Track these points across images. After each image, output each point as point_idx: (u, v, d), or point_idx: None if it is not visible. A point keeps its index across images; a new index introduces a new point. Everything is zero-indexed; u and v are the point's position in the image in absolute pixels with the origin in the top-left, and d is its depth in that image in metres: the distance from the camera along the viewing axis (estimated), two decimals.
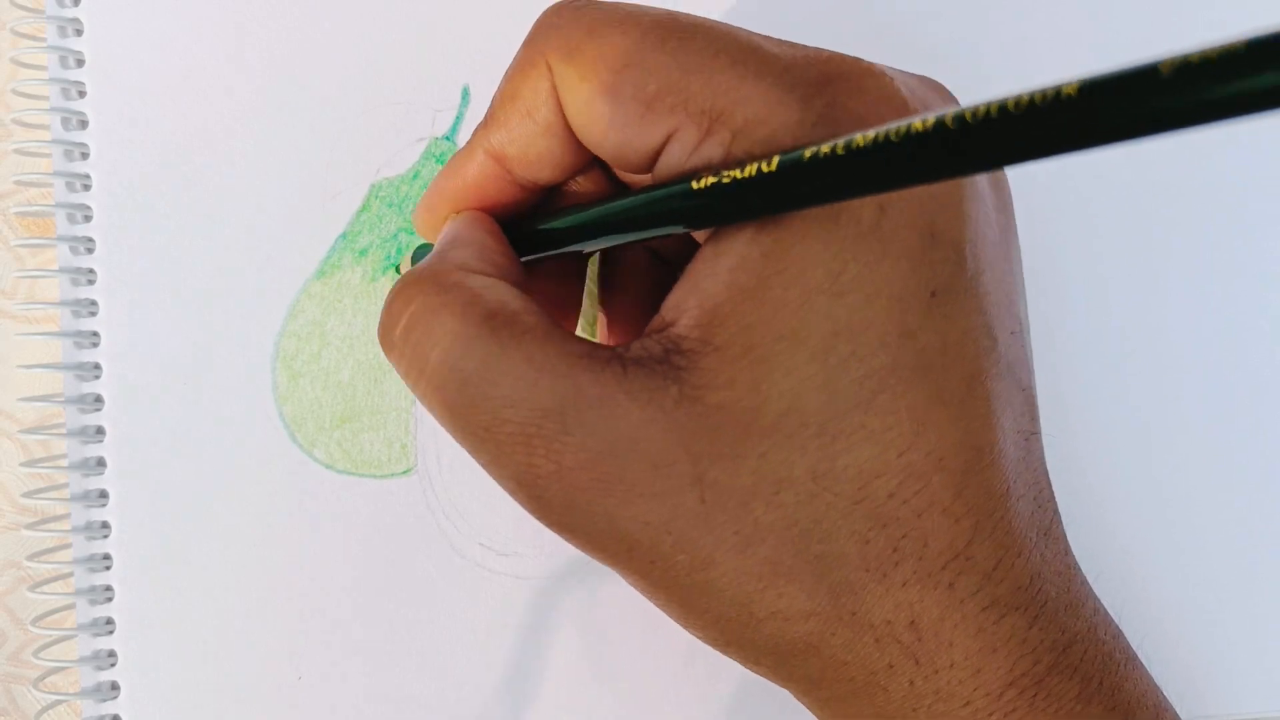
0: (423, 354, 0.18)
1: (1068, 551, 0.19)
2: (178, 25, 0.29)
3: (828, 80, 0.17)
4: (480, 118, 0.28)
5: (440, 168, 0.28)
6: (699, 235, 0.19)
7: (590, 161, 0.21)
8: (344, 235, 0.28)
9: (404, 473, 0.28)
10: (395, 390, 0.28)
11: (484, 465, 0.19)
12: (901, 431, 0.17)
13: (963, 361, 0.17)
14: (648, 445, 0.17)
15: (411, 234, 0.28)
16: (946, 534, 0.17)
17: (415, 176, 0.28)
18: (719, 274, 0.17)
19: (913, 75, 0.19)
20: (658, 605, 0.19)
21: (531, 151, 0.20)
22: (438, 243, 0.21)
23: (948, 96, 0.19)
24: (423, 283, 0.19)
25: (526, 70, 0.19)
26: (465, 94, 0.28)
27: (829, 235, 0.17)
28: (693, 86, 0.17)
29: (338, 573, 0.27)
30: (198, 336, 0.28)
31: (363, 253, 0.28)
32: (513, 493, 0.18)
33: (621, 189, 0.21)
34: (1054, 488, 0.20)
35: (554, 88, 0.19)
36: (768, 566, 0.17)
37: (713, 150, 0.17)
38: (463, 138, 0.28)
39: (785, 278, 0.17)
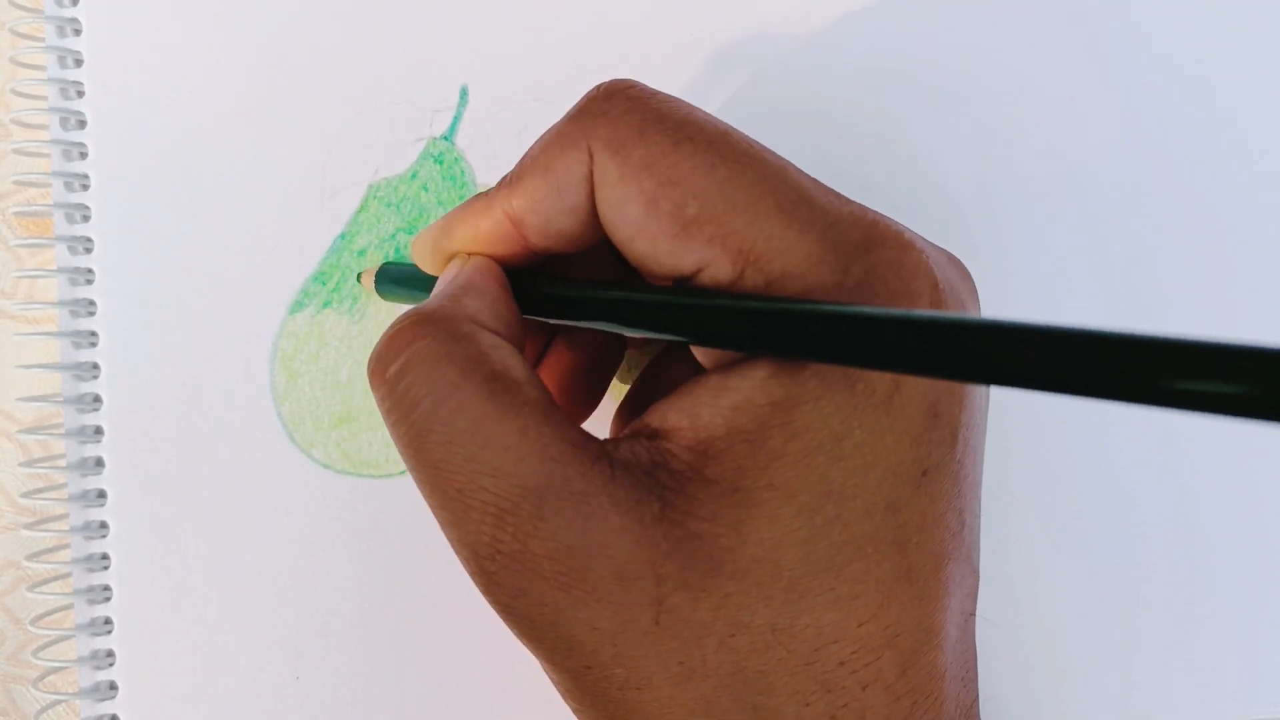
0: (414, 398, 0.18)
1: None
2: (176, 25, 0.29)
3: (869, 246, 0.17)
4: (479, 118, 0.29)
5: (438, 168, 0.28)
6: (699, 350, 0.19)
7: (604, 240, 0.20)
8: (342, 235, 0.28)
9: (402, 473, 0.28)
10: None
11: (443, 524, 0.18)
12: (867, 602, 0.17)
13: (934, 542, 0.18)
14: (618, 553, 0.17)
15: (410, 234, 0.28)
16: (884, 710, 0.17)
17: (413, 177, 0.28)
18: (721, 408, 0.17)
19: (942, 251, 0.19)
20: (575, 709, 0.19)
21: (552, 226, 0.19)
22: (446, 281, 0.21)
23: (968, 276, 0.20)
24: (431, 325, 0.18)
25: (566, 148, 0.19)
26: (463, 94, 0.28)
27: (842, 400, 0.17)
28: (735, 223, 0.17)
29: (336, 573, 0.27)
30: (196, 336, 0.28)
31: (361, 253, 0.28)
32: (466, 560, 0.18)
33: (631, 274, 0.20)
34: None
35: (590, 174, 0.18)
36: (702, 705, 0.17)
37: (745, 290, 0.17)
38: (461, 138, 0.28)
39: (788, 431, 0.17)
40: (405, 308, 0.20)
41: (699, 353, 0.19)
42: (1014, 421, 0.28)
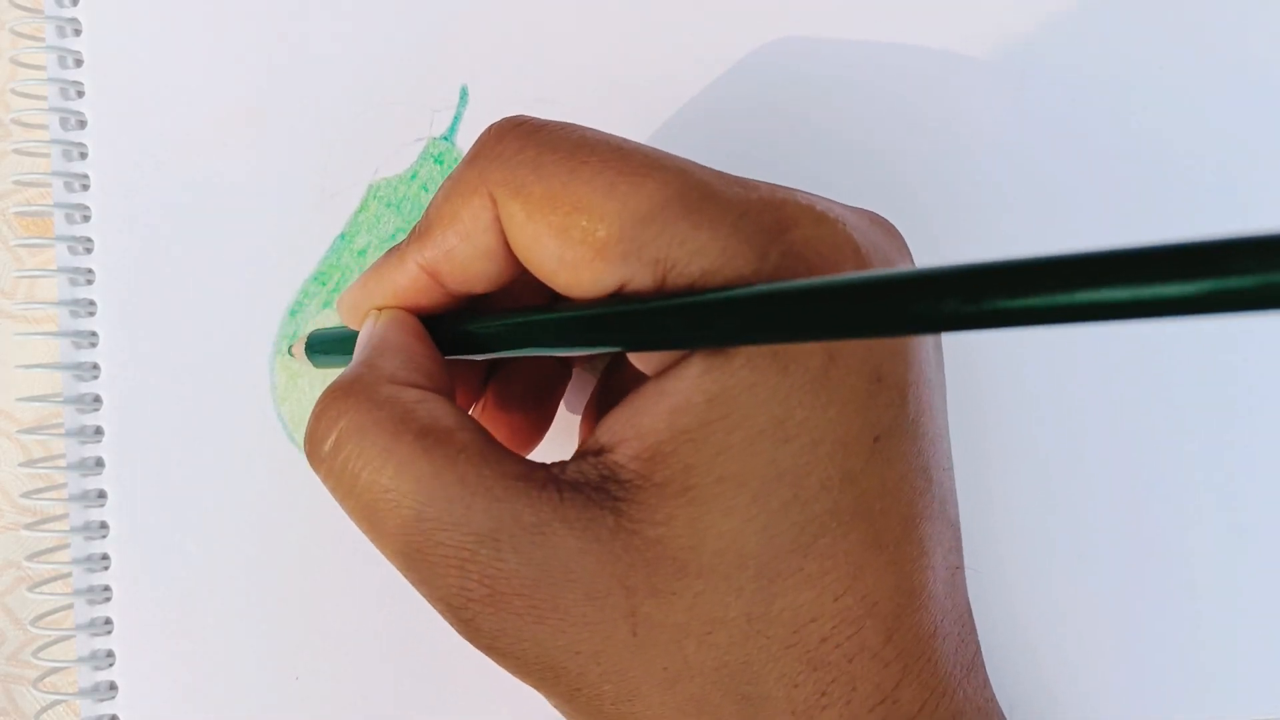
0: (353, 473, 0.18)
1: (987, 684, 0.20)
2: (176, 25, 0.29)
3: (782, 228, 0.17)
4: (480, 118, 0.29)
5: (439, 168, 0.28)
6: (635, 358, 0.19)
7: (523, 272, 0.20)
8: (342, 236, 0.28)
9: None
10: None
11: (414, 584, 0.18)
12: (839, 576, 0.17)
13: (901, 504, 0.18)
14: (582, 574, 0.17)
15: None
16: (875, 678, 0.17)
17: (413, 177, 0.28)
18: (660, 412, 0.17)
19: (863, 213, 0.19)
20: None
21: (470, 271, 0.20)
22: (361, 346, 0.21)
23: (895, 234, 0.19)
24: (352, 397, 0.19)
25: (468, 196, 0.19)
26: (464, 94, 0.28)
27: (777, 384, 0.17)
28: (645, 235, 0.17)
29: (336, 572, 0.27)
30: (196, 336, 0.28)
31: (361, 253, 0.28)
32: (443, 613, 0.18)
33: (554, 297, 0.20)
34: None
35: (496, 218, 0.19)
36: (693, 704, 0.17)
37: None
38: (461, 138, 0.28)
39: (729, 423, 0.17)
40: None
41: (637, 361, 0.19)
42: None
